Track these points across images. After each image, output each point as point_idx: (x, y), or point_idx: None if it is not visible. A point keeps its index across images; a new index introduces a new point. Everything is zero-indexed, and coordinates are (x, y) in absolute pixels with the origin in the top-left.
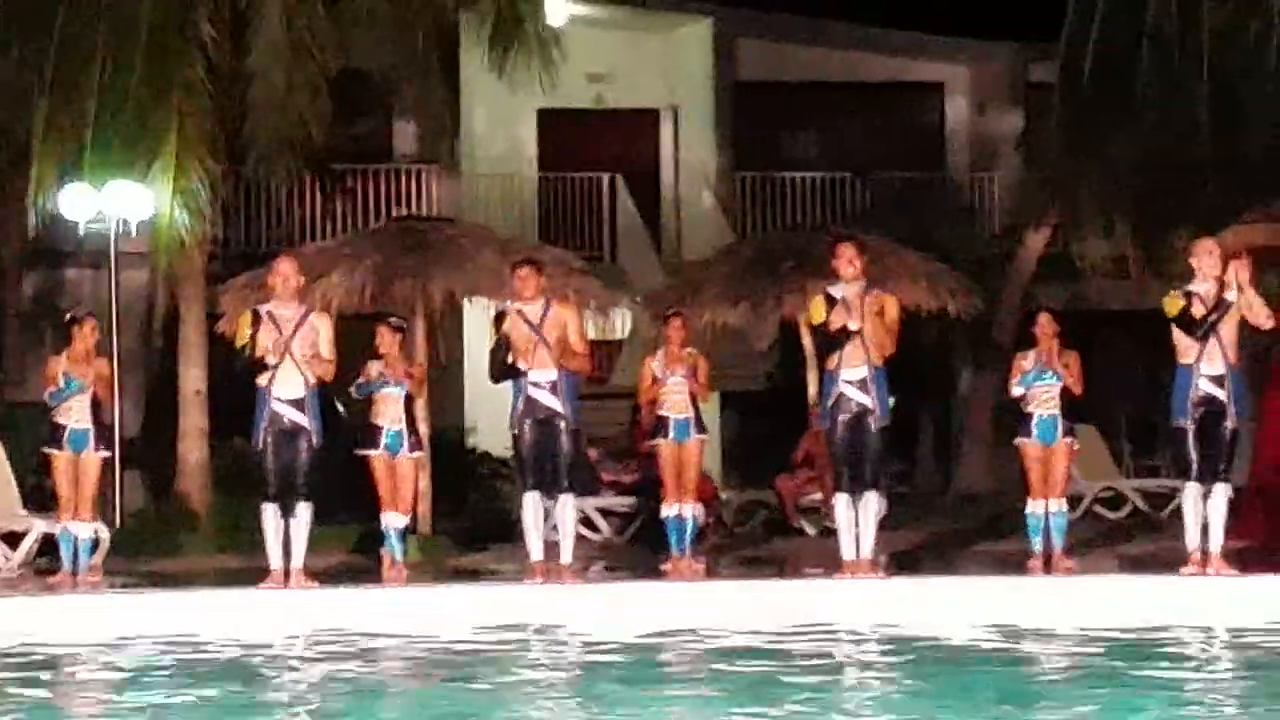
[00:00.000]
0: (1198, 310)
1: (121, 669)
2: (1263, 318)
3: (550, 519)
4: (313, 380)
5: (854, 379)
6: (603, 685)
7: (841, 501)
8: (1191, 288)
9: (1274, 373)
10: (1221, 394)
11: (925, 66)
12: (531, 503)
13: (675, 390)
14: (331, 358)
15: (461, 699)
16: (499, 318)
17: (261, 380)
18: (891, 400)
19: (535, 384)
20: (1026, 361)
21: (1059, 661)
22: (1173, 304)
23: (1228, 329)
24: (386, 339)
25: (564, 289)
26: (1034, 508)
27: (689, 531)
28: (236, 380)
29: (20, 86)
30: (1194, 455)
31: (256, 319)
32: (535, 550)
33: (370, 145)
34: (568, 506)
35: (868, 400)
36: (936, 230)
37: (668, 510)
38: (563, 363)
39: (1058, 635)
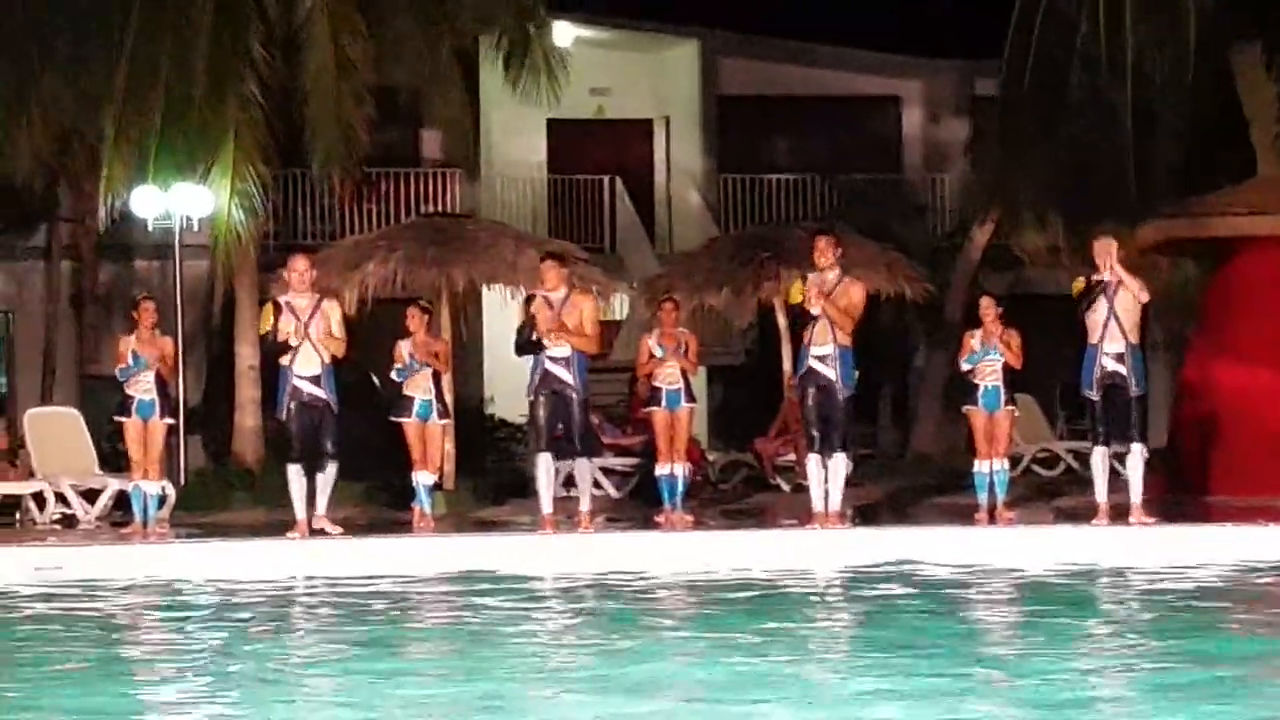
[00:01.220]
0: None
1: (184, 603)
2: (1136, 289)
3: (560, 477)
4: (328, 358)
5: (820, 354)
6: (607, 617)
7: (812, 461)
8: (1096, 277)
9: (1189, 348)
10: (1122, 368)
11: (884, 81)
12: (544, 463)
13: (668, 365)
14: (342, 336)
15: (483, 628)
16: (528, 301)
17: (284, 360)
18: (855, 373)
19: (552, 359)
20: (974, 340)
21: (1002, 597)
22: (1076, 285)
23: (1126, 313)
24: (416, 319)
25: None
26: (980, 467)
27: (680, 488)
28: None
29: (95, 100)
30: (1101, 423)
31: (277, 309)
32: (546, 504)
33: (400, 151)
34: (584, 467)
35: (832, 374)
36: (894, 225)
37: (661, 469)
38: (570, 341)
39: (1000, 575)
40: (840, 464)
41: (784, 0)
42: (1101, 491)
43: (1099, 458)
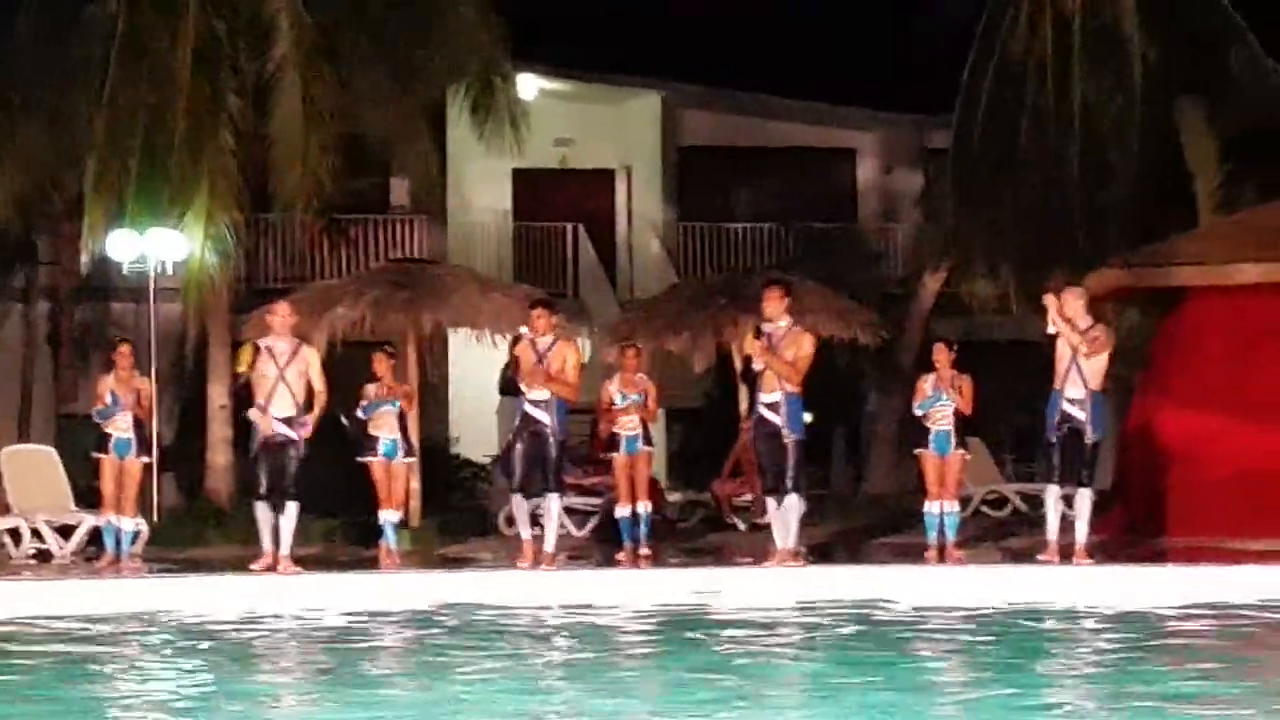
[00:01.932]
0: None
1: (156, 637)
2: (1075, 341)
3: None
4: (301, 400)
5: (769, 402)
6: (573, 651)
7: (770, 503)
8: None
9: (1136, 394)
10: (1081, 414)
11: (840, 134)
12: (519, 500)
13: (628, 410)
14: (323, 387)
15: (451, 662)
16: (515, 341)
17: (259, 399)
18: (809, 416)
19: (532, 402)
20: (926, 385)
21: (950, 635)
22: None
23: (1089, 361)
24: (383, 364)
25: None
26: (930, 507)
27: (642, 527)
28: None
29: (75, 148)
30: (1056, 464)
31: (257, 350)
32: (525, 532)
33: (369, 198)
34: (554, 504)
35: (779, 420)
36: (849, 272)
37: (621, 511)
38: (551, 388)
39: (950, 613)
40: (793, 505)
41: (744, 55)
42: (1053, 530)
43: (1052, 497)
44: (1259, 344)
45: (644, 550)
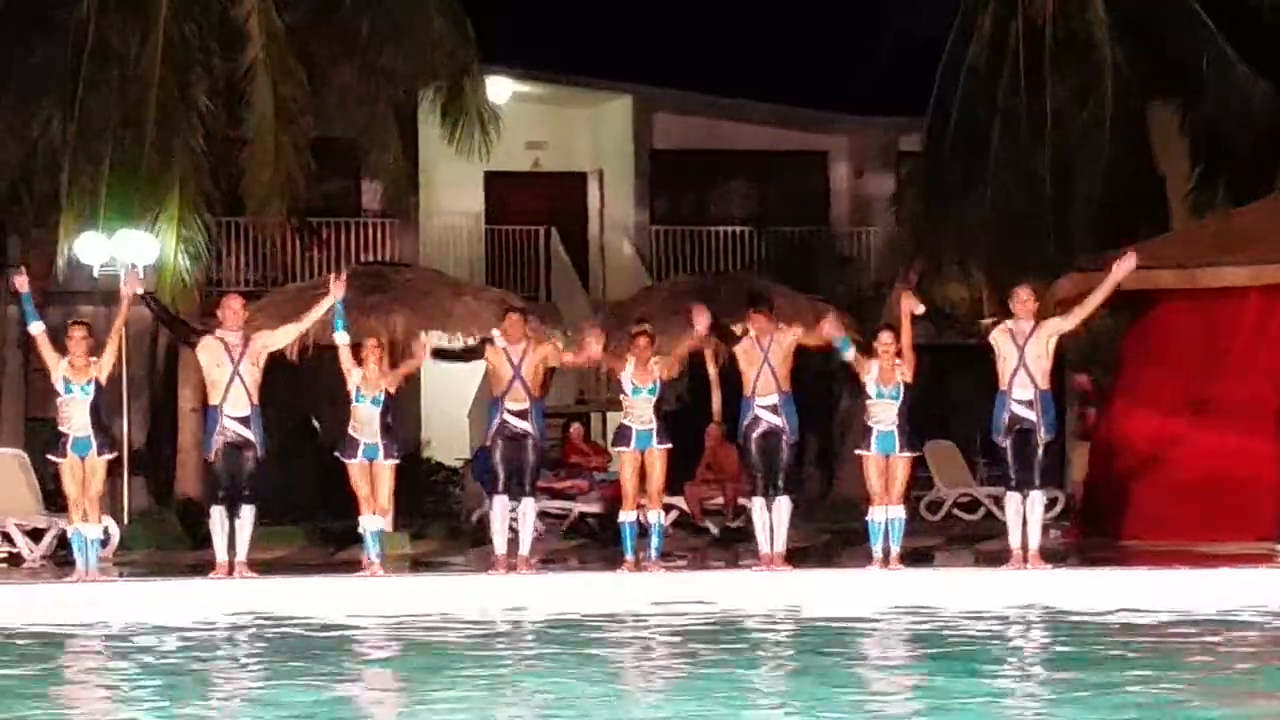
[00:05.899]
0: (998, 340)
1: (126, 644)
2: (1052, 329)
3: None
4: (256, 400)
5: (766, 404)
6: (556, 657)
7: (757, 506)
8: (1009, 323)
9: (1107, 398)
10: (1031, 415)
11: (812, 137)
12: (500, 505)
13: (641, 403)
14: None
15: (440, 666)
16: (485, 341)
17: (214, 400)
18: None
19: (509, 410)
20: (867, 373)
21: (915, 635)
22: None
23: (1036, 360)
24: (375, 352)
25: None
26: (874, 514)
27: (654, 534)
28: None
29: (47, 150)
30: (1013, 466)
31: (208, 331)
32: (500, 545)
33: (341, 201)
34: (528, 507)
35: (779, 421)
36: (821, 275)
37: (626, 515)
38: (581, 357)
39: (911, 616)
40: (784, 506)
41: (716, 58)
42: (1015, 536)
43: (1012, 503)
44: (1228, 347)
45: (653, 569)
